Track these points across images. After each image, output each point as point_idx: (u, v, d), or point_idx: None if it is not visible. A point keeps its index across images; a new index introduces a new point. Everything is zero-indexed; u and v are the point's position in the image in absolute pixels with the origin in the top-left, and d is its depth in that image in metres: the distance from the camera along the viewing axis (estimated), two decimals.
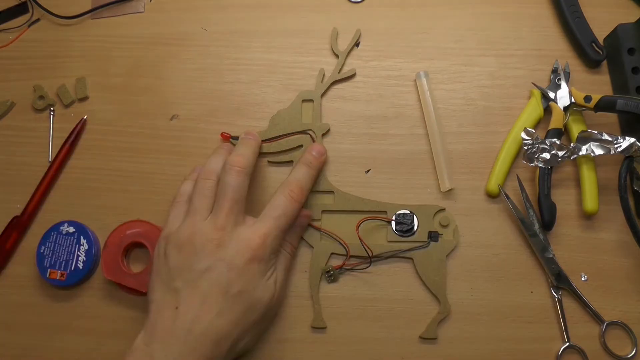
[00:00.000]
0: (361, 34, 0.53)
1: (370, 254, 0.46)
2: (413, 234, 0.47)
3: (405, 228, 0.47)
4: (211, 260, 0.40)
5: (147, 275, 0.45)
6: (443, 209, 0.48)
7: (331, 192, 0.49)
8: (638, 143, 0.43)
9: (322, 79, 0.52)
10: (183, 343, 0.38)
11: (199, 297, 0.40)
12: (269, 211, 0.43)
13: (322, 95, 0.52)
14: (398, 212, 0.47)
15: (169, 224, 0.44)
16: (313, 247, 0.48)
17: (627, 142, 0.44)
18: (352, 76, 0.52)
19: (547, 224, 0.46)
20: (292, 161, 0.50)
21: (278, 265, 0.44)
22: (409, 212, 0.47)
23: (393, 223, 0.47)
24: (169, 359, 0.38)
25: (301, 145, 0.50)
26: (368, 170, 0.48)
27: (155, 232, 0.47)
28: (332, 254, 0.47)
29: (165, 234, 0.43)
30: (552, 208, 0.46)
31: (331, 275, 0.47)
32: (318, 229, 0.48)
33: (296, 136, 0.50)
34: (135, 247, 0.49)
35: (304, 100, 0.51)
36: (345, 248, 0.47)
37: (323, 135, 0.50)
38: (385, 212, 0.48)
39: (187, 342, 0.38)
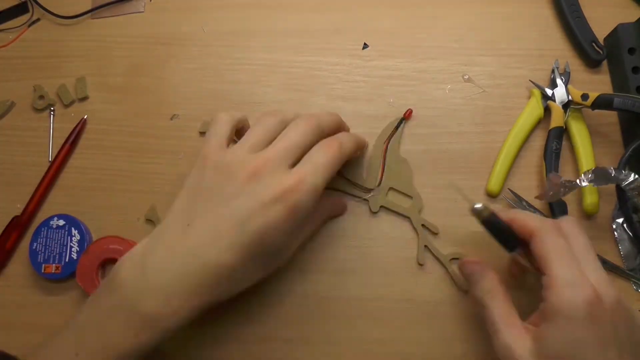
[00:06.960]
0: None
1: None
2: None
3: None
4: (239, 188, 0.37)
5: None
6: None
7: None
8: None
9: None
10: (180, 263, 0.36)
11: (213, 222, 0.37)
12: (307, 159, 0.39)
13: None
14: None
15: (213, 138, 0.40)
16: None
17: (632, 178, 0.42)
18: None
19: None
20: None
21: (305, 226, 0.43)
22: None
23: None
24: (160, 276, 0.36)
25: None
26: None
27: None
28: None
29: (210, 153, 0.40)
30: (563, 206, 0.46)
31: None
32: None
33: None
34: (111, 263, 0.47)
35: None
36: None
37: None
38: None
39: (183, 265, 0.36)
